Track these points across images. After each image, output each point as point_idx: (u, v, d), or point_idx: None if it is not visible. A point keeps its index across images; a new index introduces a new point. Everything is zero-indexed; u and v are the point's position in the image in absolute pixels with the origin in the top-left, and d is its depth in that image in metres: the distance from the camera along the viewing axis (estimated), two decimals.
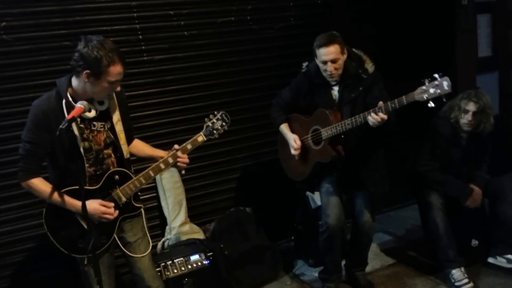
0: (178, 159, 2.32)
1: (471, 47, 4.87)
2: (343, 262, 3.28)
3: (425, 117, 3.28)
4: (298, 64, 3.07)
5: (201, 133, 2.37)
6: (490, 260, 3.32)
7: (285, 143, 3.06)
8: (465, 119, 3.03)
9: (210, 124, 2.39)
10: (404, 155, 4.05)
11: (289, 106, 3.06)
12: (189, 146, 2.35)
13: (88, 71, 2.03)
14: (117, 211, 2.25)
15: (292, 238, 3.81)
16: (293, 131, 3.00)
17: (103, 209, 2.20)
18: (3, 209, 3.09)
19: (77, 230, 2.21)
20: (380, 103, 2.45)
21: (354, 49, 2.84)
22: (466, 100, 3.02)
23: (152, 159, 2.44)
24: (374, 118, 2.45)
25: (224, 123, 2.41)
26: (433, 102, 2.29)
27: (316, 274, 3.35)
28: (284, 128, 3.03)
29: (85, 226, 2.18)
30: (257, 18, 3.77)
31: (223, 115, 2.41)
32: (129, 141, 2.42)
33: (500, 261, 3.29)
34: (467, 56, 4.79)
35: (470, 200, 3.12)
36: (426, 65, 3.94)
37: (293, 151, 2.93)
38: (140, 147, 2.54)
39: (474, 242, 3.28)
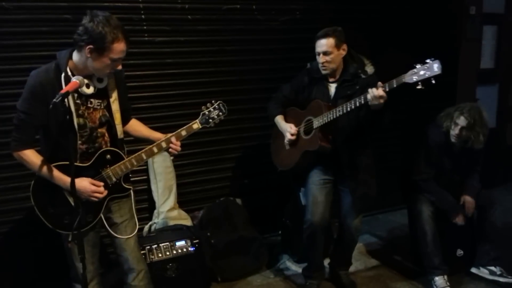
0: (171, 145, 2.30)
1: (475, 57, 4.87)
2: (327, 261, 3.29)
3: (419, 121, 3.30)
4: (299, 59, 3.07)
5: (197, 120, 2.36)
6: (473, 270, 3.36)
7: (278, 134, 3.10)
8: (454, 131, 3.03)
9: (207, 113, 2.37)
10: (395, 159, 4.08)
11: (288, 101, 3.10)
12: (183, 133, 2.33)
13: (91, 46, 2.00)
14: (106, 191, 2.23)
15: (279, 232, 3.82)
16: (287, 122, 3.05)
17: (93, 188, 2.17)
18: None
19: (64, 206, 2.18)
20: (379, 83, 2.47)
21: (359, 54, 2.91)
22: (458, 113, 3.01)
23: (147, 141, 2.42)
24: (373, 91, 2.45)
25: (220, 113, 2.39)
26: (422, 85, 2.31)
27: (300, 270, 3.36)
28: (279, 119, 3.08)
29: (72, 203, 2.15)
30: (263, 8, 3.74)
31: (221, 104, 2.39)
32: (125, 121, 2.40)
33: (483, 272, 3.33)
34: (470, 66, 4.79)
35: (458, 218, 3.16)
36: None
37: (288, 136, 2.96)
38: (137, 127, 2.51)
39: (460, 252, 3.30)
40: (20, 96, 2.11)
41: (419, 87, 2.32)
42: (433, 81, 2.28)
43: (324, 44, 2.75)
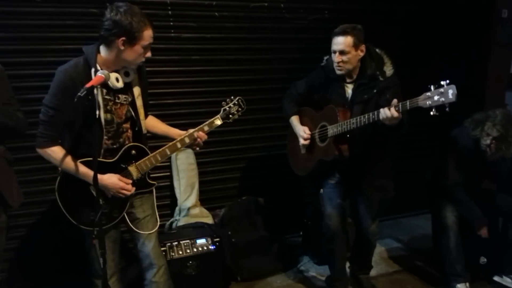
0: (199, 135, 2.32)
1: (505, 62, 4.71)
2: (348, 265, 3.24)
3: (444, 124, 3.21)
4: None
5: (218, 116, 2.39)
6: (496, 278, 3.30)
7: (293, 135, 3.02)
8: (485, 141, 2.93)
9: (227, 108, 2.39)
10: (420, 163, 3.99)
11: (302, 98, 3.00)
12: (206, 128, 2.36)
13: (124, 38, 2.02)
14: (134, 188, 2.24)
15: (301, 233, 3.78)
16: (303, 125, 2.95)
17: (122, 184, 2.19)
18: (15, 171, 3.08)
19: (89, 202, 2.19)
20: (394, 100, 2.35)
21: (377, 49, 2.76)
22: (490, 124, 2.91)
23: (165, 137, 2.44)
24: (386, 113, 2.35)
25: (240, 109, 2.41)
26: (436, 110, 2.19)
27: (321, 272, 3.35)
28: (294, 120, 2.98)
29: (99, 199, 2.14)
30: (291, 7, 3.70)
31: (240, 100, 2.42)
32: (145, 117, 2.41)
33: (506, 280, 3.26)
34: (499, 71, 4.65)
35: (483, 231, 3.08)
36: (456, 75, 3.83)
37: (302, 141, 2.87)
38: (155, 123, 2.52)
39: (483, 260, 3.24)
40: (45, 89, 2.12)
41: (432, 113, 2.20)
42: (447, 109, 2.15)
43: (341, 42, 2.60)
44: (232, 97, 2.41)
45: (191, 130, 2.33)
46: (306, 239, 3.71)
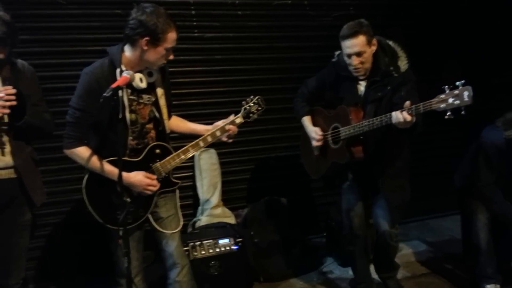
0: (230, 127, 2.32)
1: None
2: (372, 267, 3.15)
3: (473, 122, 3.11)
4: None
5: (240, 115, 2.37)
6: None
7: (306, 137, 2.92)
8: None
9: (248, 107, 2.38)
10: (447, 162, 3.88)
11: (314, 97, 2.90)
12: (227, 127, 2.34)
13: (147, 38, 2.04)
14: (159, 184, 2.26)
15: (324, 234, 3.75)
16: (315, 125, 2.85)
17: (148, 181, 2.21)
18: (43, 171, 3.14)
19: (115, 201, 2.19)
20: (407, 103, 2.24)
21: (390, 42, 2.60)
22: None
23: (191, 135, 2.45)
24: (398, 116, 2.25)
25: (259, 108, 2.39)
26: (452, 114, 2.07)
27: (345, 274, 3.31)
28: (306, 120, 2.89)
29: (126, 198, 2.19)
30: (315, 4, 3.67)
31: (259, 99, 2.40)
32: (168, 117, 2.42)
33: None
34: None
35: None
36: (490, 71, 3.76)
37: (314, 143, 2.79)
38: (180, 123, 2.54)
39: None
40: (71, 90, 2.15)
41: (447, 116, 2.08)
42: (463, 112, 2.04)
43: (356, 44, 2.43)
44: (252, 96, 2.40)
45: (213, 129, 2.33)
46: (329, 240, 3.67)
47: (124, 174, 2.09)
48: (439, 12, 4.05)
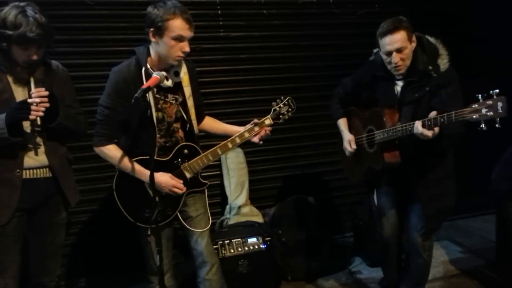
0: (258, 129, 2.32)
1: None
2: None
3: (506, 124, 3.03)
4: None
5: (269, 116, 2.35)
6: None
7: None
8: None
9: (277, 109, 2.36)
10: (478, 163, 3.79)
11: (350, 97, 2.80)
12: (256, 128, 2.33)
13: (152, 29, 2.06)
14: (185, 187, 2.27)
15: (352, 233, 3.73)
16: (351, 127, 2.78)
17: (174, 182, 2.23)
18: (74, 169, 3.19)
19: (145, 200, 2.24)
20: (432, 113, 2.13)
21: (431, 38, 2.46)
22: None
23: (224, 136, 2.43)
24: (418, 130, 2.16)
25: (290, 109, 2.37)
26: (486, 125, 1.94)
27: (373, 274, 3.27)
28: (342, 124, 2.80)
29: (155, 197, 2.20)
30: (340, 1, 3.66)
31: (290, 100, 2.37)
32: (199, 117, 2.43)
33: None
34: None
35: None
36: None
37: (346, 153, 2.73)
38: (213, 123, 2.55)
39: None
40: (99, 90, 2.20)
41: (480, 128, 1.96)
42: (498, 125, 1.92)
43: (397, 39, 2.29)
44: (282, 97, 2.37)
45: (242, 131, 2.33)
46: (357, 240, 3.64)
47: (148, 172, 2.08)
48: (467, 8, 3.98)
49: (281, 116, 2.36)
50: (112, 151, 2.21)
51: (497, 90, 1.92)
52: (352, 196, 3.78)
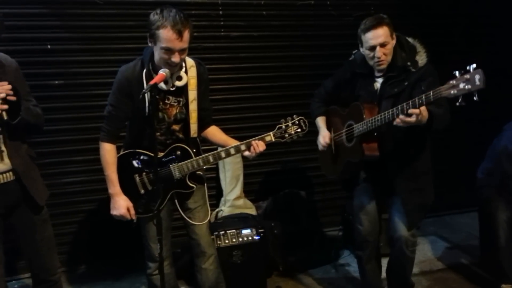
0: (253, 143, 2.24)
1: None
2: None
3: (493, 117, 3.12)
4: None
5: (271, 133, 2.28)
6: None
7: None
8: None
9: (283, 127, 2.26)
10: (464, 158, 3.90)
11: (330, 97, 2.80)
12: (253, 143, 2.26)
13: (148, 34, 2.09)
14: (171, 186, 2.32)
15: (341, 227, 3.80)
16: (330, 126, 2.77)
17: (124, 212, 2.26)
18: (79, 160, 3.35)
19: (135, 193, 2.33)
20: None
21: (409, 38, 2.51)
22: None
23: (223, 147, 2.37)
24: (403, 119, 2.15)
25: (299, 130, 2.27)
26: (463, 100, 1.93)
27: None
28: (320, 121, 2.79)
29: (141, 191, 2.32)
30: (337, 4, 3.73)
31: (301, 121, 2.27)
32: (203, 121, 2.41)
33: None
34: None
35: None
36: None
37: (320, 147, 2.72)
38: (216, 132, 2.51)
39: None
40: (107, 85, 2.31)
41: (459, 103, 1.94)
42: (476, 98, 1.89)
43: (381, 34, 2.32)
44: (294, 116, 2.26)
45: (239, 144, 2.28)
46: (346, 233, 3.71)
47: (117, 190, 2.23)
48: (461, 11, 4.05)
49: (287, 135, 2.26)
50: (105, 150, 2.27)
51: (474, 65, 1.91)
52: (342, 191, 3.83)
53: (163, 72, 2.08)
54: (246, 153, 2.27)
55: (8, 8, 3.03)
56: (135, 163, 2.33)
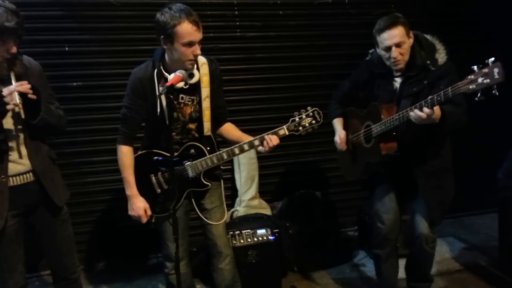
0: (266, 138, 2.21)
1: None
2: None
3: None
4: None
5: (284, 126, 2.25)
6: None
7: None
8: None
9: (297, 119, 2.24)
10: (484, 160, 3.82)
11: (348, 98, 2.78)
12: (266, 137, 2.24)
13: (162, 36, 2.06)
14: (185, 185, 2.34)
15: (357, 228, 3.80)
16: (348, 127, 2.76)
17: (142, 213, 2.30)
18: (96, 161, 3.41)
19: (151, 192, 2.35)
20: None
21: (428, 36, 2.47)
22: None
23: (238, 143, 2.35)
24: (416, 114, 2.14)
25: (314, 121, 2.23)
26: (482, 95, 1.91)
27: None
28: (336, 122, 2.77)
29: (157, 190, 2.35)
30: (355, 2, 3.69)
31: (315, 112, 2.23)
32: (217, 119, 2.41)
33: None
34: None
35: None
36: None
37: (337, 146, 2.72)
38: (230, 129, 2.49)
39: None
40: (124, 87, 2.30)
41: (478, 98, 1.93)
42: (495, 92, 1.88)
43: (396, 34, 2.30)
44: (308, 108, 2.23)
45: (253, 138, 2.27)
46: (362, 234, 3.71)
47: (134, 192, 2.26)
48: (483, 9, 3.96)
49: (301, 127, 2.22)
50: (122, 153, 2.30)
51: (493, 58, 1.90)
52: (358, 192, 3.82)
53: (179, 74, 2.08)
54: (260, 148, 2.25)
55: (27, 11, 3.05)
56: (150, 163, 2.35)
